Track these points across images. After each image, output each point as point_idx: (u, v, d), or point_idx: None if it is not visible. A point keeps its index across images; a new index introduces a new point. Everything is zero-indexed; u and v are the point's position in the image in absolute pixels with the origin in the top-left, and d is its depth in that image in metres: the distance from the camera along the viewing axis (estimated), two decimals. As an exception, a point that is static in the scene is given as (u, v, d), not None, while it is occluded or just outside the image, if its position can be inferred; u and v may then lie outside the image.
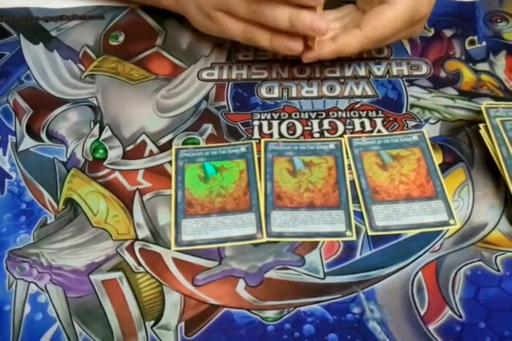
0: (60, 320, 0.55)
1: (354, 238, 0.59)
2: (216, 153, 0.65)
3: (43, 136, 0.68)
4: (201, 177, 0.63)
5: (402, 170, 0.63)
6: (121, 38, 0.77)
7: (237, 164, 0.64)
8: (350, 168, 0.64)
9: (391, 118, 0.68)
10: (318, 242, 0.59)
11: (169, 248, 0.59)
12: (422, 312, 0.55)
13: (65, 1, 0.81)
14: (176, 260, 0.58)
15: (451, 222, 0.60)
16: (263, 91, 0.71)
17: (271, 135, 0.67)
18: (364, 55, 0.75)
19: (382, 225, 0.60)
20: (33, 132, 0.68)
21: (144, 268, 0.58)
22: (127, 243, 0.60)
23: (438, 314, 0.55)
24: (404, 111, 0.69)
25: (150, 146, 0.66)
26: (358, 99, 0.70)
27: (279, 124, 0.68)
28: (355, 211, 0.61)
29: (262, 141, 0.66)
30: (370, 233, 0.59)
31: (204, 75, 0.73)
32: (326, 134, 0.67)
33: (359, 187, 0.62)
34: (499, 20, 0.78)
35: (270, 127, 0.68)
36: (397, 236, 0.59)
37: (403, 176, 0.63)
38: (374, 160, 0.64)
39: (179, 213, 0.61)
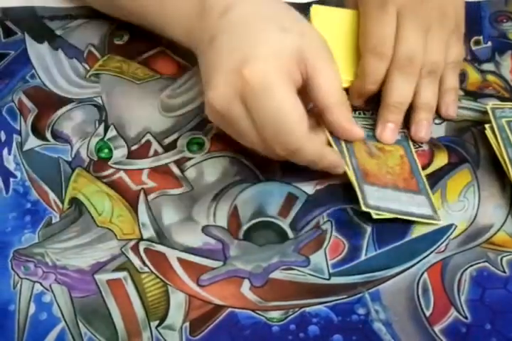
0: (64, 320, 0.55)
1: (441, 223, 0.60)
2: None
3: (48, 135, 0.67)
4: (368, 152, 0.64)
5: (388, 163, 0.63)
6: (126, 37, 0.77)
7: (396, 149, 0.65)
8: None
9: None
10: (323, 243, 0.59)
11: (174, 248, 0.59)
12: (428, 314, 0.55)
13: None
14: (180, 260, 0.58)
15: (436, 217, 0.60)
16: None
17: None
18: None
19: (375, 205, 0.60)
20: (38, 131, 0.68)
21: (148, 268, 0.58)
22: (132, 243, 0.60)
23: (443, 315, 0.55)
24: (410, 111, 0.69)
25: (155, 146, 0.66)
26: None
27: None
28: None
29: None
30: (363, 208, 0.59)
31: (209, 75, 0.73)
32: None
33: (351, 166, 0.62)
34: (505, 21, 0.78)
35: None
36: (403, 236, 0.59)
37: (389, 168, 0.63)
38: (363, 147, 0.64)
39: (359, 177, 0.61)
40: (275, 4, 0.61)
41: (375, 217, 0.59)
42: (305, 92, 0.58)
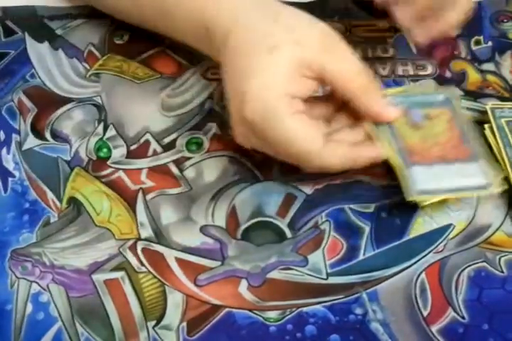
0: (61, 320, 0.55)
1: (497, 190, 0.59)
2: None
3: (47, 134, 0.67)
4: (412, 123, 0.62)
5: (435, 130, 0.61)
6: (126, 37, 0.77)
7: (442, 113, 0.63)
8: None
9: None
10: (321, 242, 0.59)
11: (172, 247, 0.59)
12: (425, 313, 0.55)
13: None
14: (178, 260, 0.58)
15: (490, 185, 0.58)
16: (268, 91, 0.71)
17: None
18: (369, 55, 0.74)
19: (423, 189, 0.57)
20: (37, 131, 0.68)
21: (146, 267, 0.58)
22: (130, 242, 0.60)
23: (441, 315, 0.55)
24: (409, 111, 0.68)
25: (154, 145, 0.66)
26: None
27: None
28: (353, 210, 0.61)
29: None
30: (411, 198, 0.57)
31: (209, 74, 0.73)
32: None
33: (394, 148, 0.60)
34: (505, 20, 0.78)
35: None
36: (401, 236, 0.59)
37: (436, 136, 0.61)
38: (405, 120, 0.62)
39: (404, 160, 0.59)
40: (266, 14, 0.59)
41: (423, 204, 0.58)
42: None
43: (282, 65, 0.55)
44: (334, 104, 0.61)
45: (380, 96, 0.59)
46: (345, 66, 0.57)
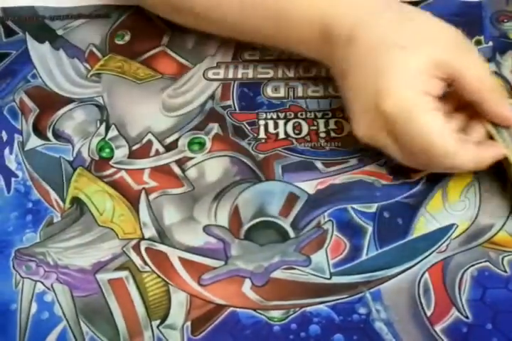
0: (66, 319, 0.55)
1: None
2: None
3: (50, 135, 0.68)
4: None
5: None
6: (128, 37, 0.77)
7: None
8: None
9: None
10: (324, 242, 0.59)
11: (175, 247, 0.59)
12: (429, 313, 0.55)
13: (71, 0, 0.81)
14: (182, 259, 0.58)
15: None
16: (269, 91, 0.71)
17: (277, 135, 0.67)
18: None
19: None
20: (39, 131, 0.68)
21: (150, 267, 0.58)
22: (133, 242, 0.60)
23: (444, 315, 0.55)
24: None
25: (156, 146, 0.66)
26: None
27: (285, 124, 0.68)
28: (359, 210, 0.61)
29: None
30: None
31: (210, 74, 0.73)
32: (332, 134, 0.67)
33: None
34: (506, 20, 0.78)
35: (276, 127, 0.67)
36: (404, 236, 0.59)
37: None
38: None
39: None
40: (394, 13, 0.59)
41: None
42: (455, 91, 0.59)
43: (418, 63, 0.55)
44: (450, 103, 0.61)
45: (506, 100, 0.59)
46: (477, 68, 0.57)
